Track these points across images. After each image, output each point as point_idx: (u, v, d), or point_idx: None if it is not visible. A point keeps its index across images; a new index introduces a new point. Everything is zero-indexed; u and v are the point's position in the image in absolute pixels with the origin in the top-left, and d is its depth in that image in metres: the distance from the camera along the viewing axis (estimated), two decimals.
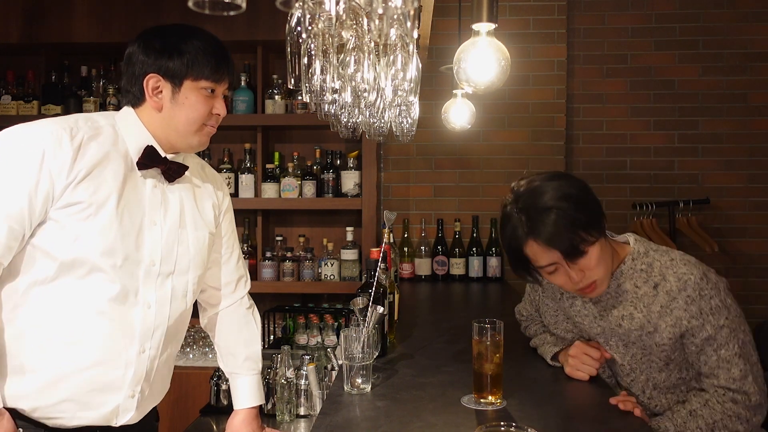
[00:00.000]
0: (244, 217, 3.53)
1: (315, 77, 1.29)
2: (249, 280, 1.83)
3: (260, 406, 1.81)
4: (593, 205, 1.54)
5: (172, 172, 1.53)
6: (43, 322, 1.40)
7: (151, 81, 1.46)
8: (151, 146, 1.49)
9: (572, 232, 1.47)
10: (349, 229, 3.40)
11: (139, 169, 1.49)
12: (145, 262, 1.48)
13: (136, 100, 1.50)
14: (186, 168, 1.56)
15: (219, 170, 3.38)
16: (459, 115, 2.74)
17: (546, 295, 1.80)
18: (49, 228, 1.38)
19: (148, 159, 1.49)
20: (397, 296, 2.02)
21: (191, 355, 3.18)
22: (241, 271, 1.80)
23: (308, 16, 1.20)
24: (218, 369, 2.38)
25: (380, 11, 1.03)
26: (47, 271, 1.39)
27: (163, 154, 1.51)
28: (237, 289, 1.78)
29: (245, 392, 1.77)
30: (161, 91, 1.47)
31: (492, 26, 1.38)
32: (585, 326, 1.67)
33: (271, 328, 3.13)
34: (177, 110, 1.48)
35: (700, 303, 1.51)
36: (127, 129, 1.49)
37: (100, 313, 1.43)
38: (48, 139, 1.37)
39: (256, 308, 1.84)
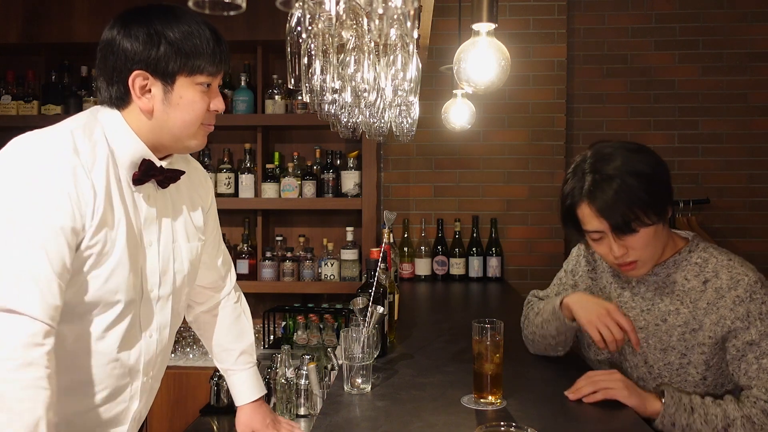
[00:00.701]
0: (244, 217, 3.53)
1: (315, 77, 1.29)
2: (234, 272, 1.74)
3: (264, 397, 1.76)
4: (663, 188, 1.49)
5: (167, 178, 1.38)
6: None
7: (138, 80, 1.25)
8: (149, 160, 1.31)
9: (629, 208, 1.43)
10: (349, 229, 3.40)
11: (134, 185, 1.32)
12: (144, 289, 1.35)
13: (120, 101, 1.29)
14: (182, 173, 1.40)
15: (219, 170, 3.38)
16: (459, 115, 2.74)
17: (595, 284, 1.73)
18: None
19: (145, 175, 1.31)
20: (397, 296, 2.02)
21: (191, 355, 3.18)
22: (227, 265, 1.70)
23: (308, 16, 1.20)
24: (218, 369, 2.38)
25: (380, 11, 1.03)
26: None
27: (158, 164, 1.33)
28: (224, 285, 1.70)
29: (245, 387, 1.71)
30: (150, 90, 1.27)
31: (492, 26, 1.38)
32: (630, 319, 1.60)
33: (271, 328, 3.13)
34: (171, 112, 1.28)
35: (749, 305, 1.44)
36: (118, 139, 1.29)
37: (107, 355, 1.32)
38: (67, 175, 1.18)
39: (243, 298, 1.77)
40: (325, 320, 2.86)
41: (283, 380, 2.23)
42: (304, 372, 2.21)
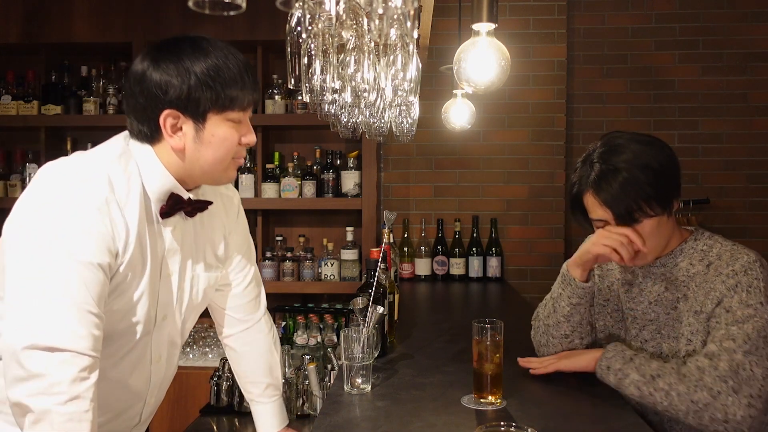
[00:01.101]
0: None
1: (315, 77, 1.29)
2: (263, 300, 1.67)
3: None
4: (670, 182, 1.49)
5: (195, 209, 1.35)
6: None
7: (169, 119, 1.22)
8: (177, 194, 1.29)
9: (633, 200, 1.46)
10: (349, 229, 3.40)
11: (162, 218, 1.30)
12: (157, 316, 1.35)
13: (152, 138, 1.26)
14: (210, 203, 1.37)
15: None
16: (459, 115, 2.74)
17: (602, 281, 1.72)
18: None
19: (172, 208, 1.30)
20: (397, 296, 2.02)
21: (191, 355, 3.18)
22: (254, 292, 1.63)
23: (308, 16, 1.20)
24: (218, 369, 2.38)
25: (380, 11, 1.03)
26: None
27: (186, 196, 1.31)
28: (249, 313, 1.63)
29: (269, 418, 1.67)
30: (181, 128, 1.24)
31: (492, 26, 1.38)
32: (638, 313, 1.60)
33: None
34: (203, 149, 1.25)
35: (742, 278, 1.43)
36: (149, 173, 1.27)
37: (119, 382, 1.32)
38: (103, 211, 1.17)
39: (275, 329, 1.70)
40: (325, 320, 2.86)
41: (283, 380, 2.22)
42: (304, 372, 2.21)
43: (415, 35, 1.20)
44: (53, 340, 1.08)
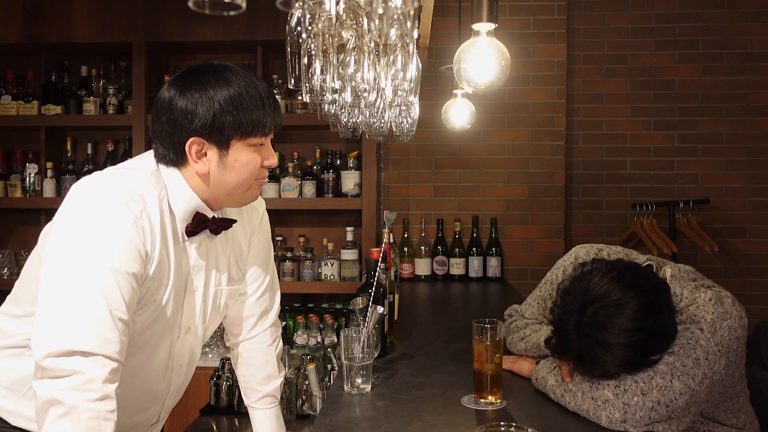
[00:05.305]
0: None
1: (315, 77, 1.29)
2: (275, 314, 1.69)
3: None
4: (669, 341, 1.38)
5: (219, 227, 1.40)
6: None
7: (194, 146, 1.27)
8: (202, 213, 1.35)
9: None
10: (349, 229, 3.40)
11: (187, 237, 1.35)
12: (181, 329, 1.41)
13: (175, 163, 1.32)
14: (234, 221, 1.43)
15: None
16: (459, 115, 2.74)
17: None
18: None
19: (197, 227, 1.35)
20: (397, 296, 2.02)
21: None
22: (266, 304, 1.65)
23: (308, 16, 1.20)
24: (218, 369, 2.38)
25: (380, 11, 1.03)
26: None
27: (210, 215, 1.37)
28: (257, 325, 1.65)
29: (265, 426, 1.68)
30: (205, 154, 1.29)
31: (492, 26, 1.38)
32: None
33: None
34: (226, 174, 1.31)
35: (688, 313, 1.39)
36: (175, 193, 1.32)
37: (139, 386, 1.38)
38: (135, 223, 1.22)
39: (280, 343, 1.72)
40: (325, 320, 2.86)
41: (283, 380, 2.22)
42: (304, 372, 2.21)
43: (415, 35, 1.20)
44: (87, 345, 1.13)
